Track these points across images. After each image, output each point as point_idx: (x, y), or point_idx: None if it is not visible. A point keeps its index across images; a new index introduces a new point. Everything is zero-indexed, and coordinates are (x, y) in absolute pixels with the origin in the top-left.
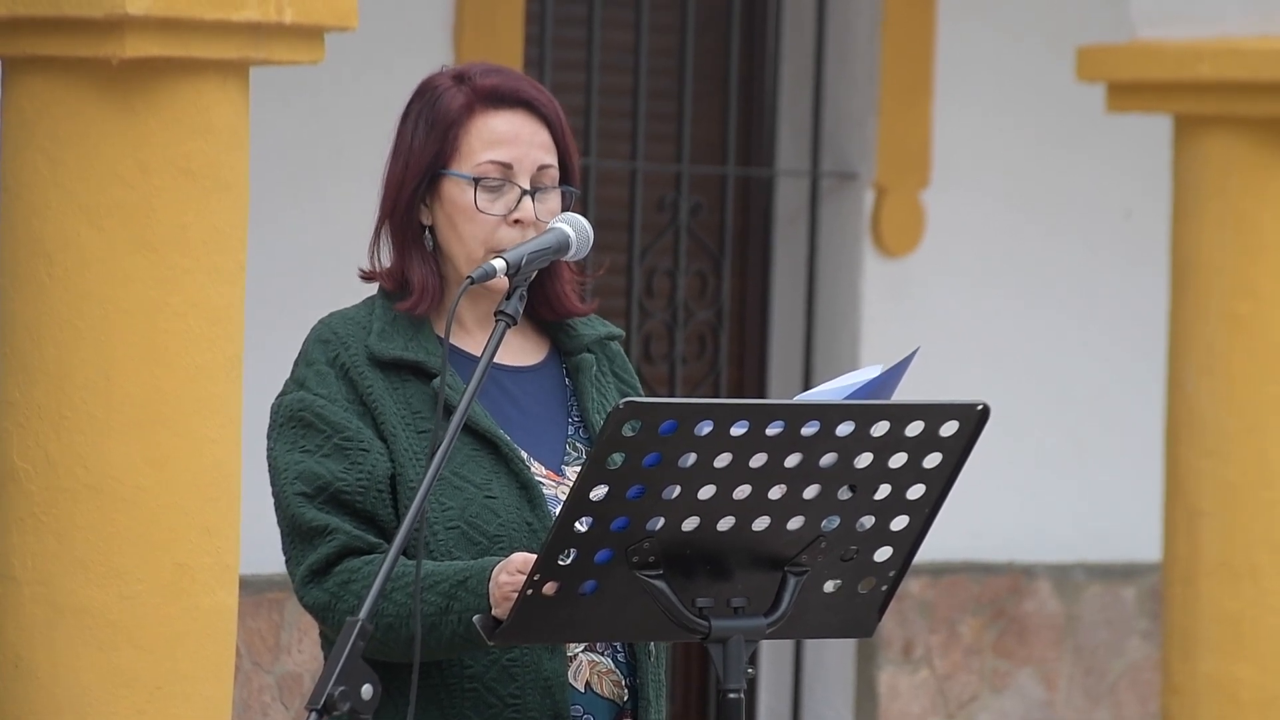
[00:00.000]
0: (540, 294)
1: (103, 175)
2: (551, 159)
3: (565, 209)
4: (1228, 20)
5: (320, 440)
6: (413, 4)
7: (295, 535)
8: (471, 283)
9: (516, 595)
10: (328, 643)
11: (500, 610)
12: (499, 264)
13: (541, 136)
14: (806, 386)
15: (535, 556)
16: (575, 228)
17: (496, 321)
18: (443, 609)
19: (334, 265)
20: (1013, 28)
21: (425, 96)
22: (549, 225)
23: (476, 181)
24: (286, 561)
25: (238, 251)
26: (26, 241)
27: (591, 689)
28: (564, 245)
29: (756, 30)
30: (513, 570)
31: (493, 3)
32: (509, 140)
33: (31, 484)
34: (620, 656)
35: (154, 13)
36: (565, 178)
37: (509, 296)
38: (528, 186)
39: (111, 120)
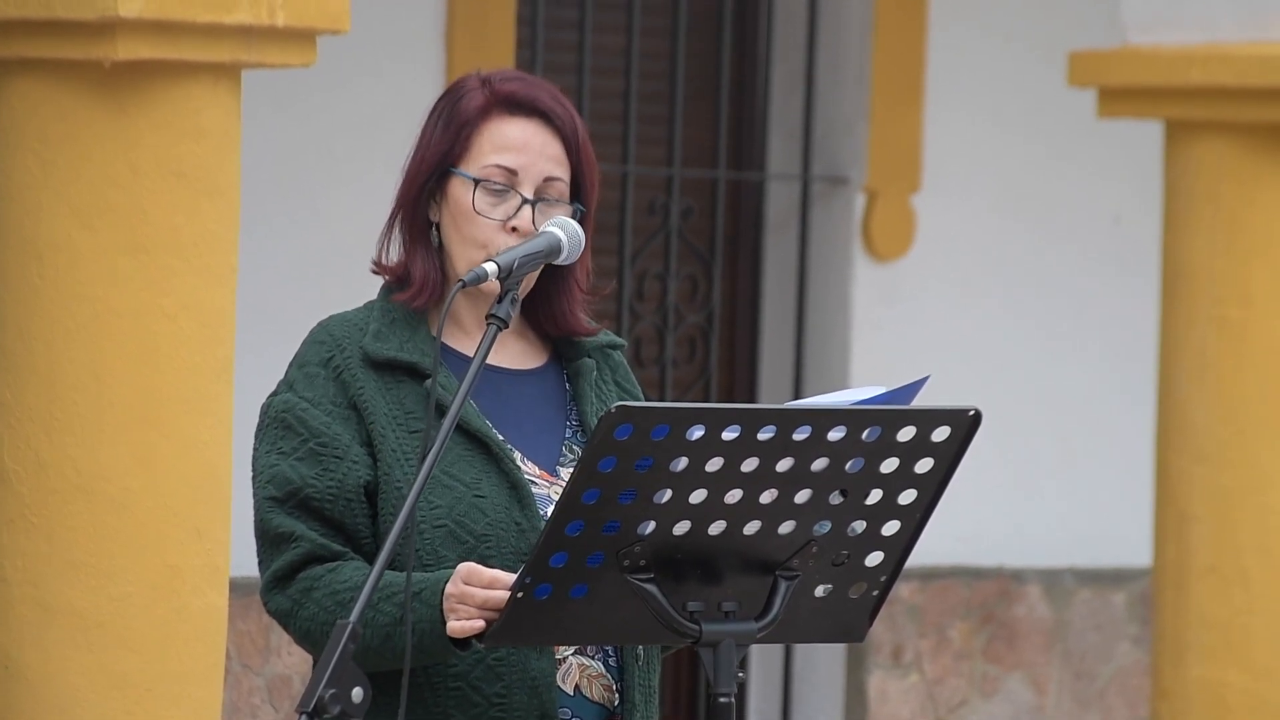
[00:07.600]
0: (547, 309)
1: (94, 177)
2: (561, 173)
3: None
4: (1219, 26)
5: (297, 443)
6: (404, 7)
7: (263, 540)
8: (463, 285)
9: (462, 608)
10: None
11: (449, 626)
12: (490, 267)
13: (553, 149)
14: (797, 390)
15: (479, 567)
16: (566, 231)
17: (488, 325)
18: (397, 620)
19: (326, 267)
20: (1003, 33)
21: (451, 95)
22: (540, 229)
23: (478, 183)
24: (258, 564)
25: (229, 254)
26: (18, 243)
27: (581, 692)
28: (555, 249)
29: (748, 34)
30: (459, 582)
31: (484, 6)
32: (518, 147)
33: (22, 485)
34: (611, 661)
35: (146, 15)
36: (578, 195)
37: (500, 300)
38: (530, 196)
39: (103, 122)
